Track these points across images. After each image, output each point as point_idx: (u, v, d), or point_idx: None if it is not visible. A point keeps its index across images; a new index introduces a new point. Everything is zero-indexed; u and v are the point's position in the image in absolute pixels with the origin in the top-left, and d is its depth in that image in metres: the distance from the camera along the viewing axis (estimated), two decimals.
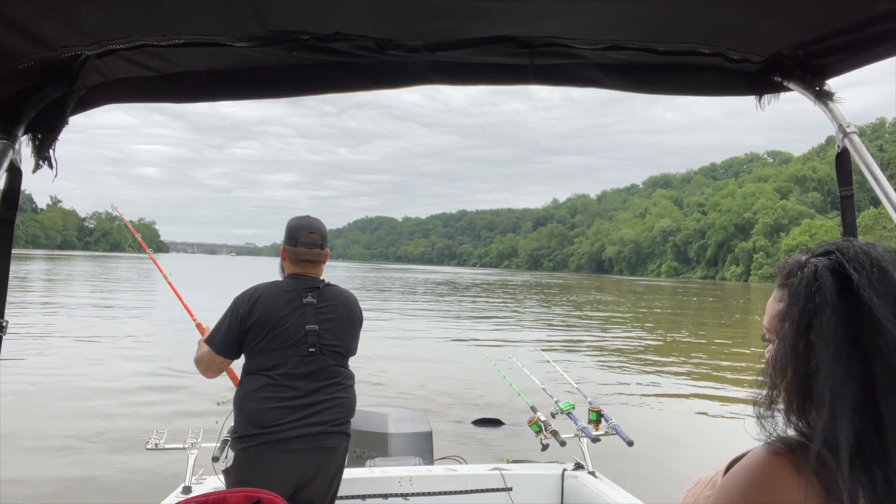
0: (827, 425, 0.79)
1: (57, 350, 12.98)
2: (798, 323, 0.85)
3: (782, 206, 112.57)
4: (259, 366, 2.63)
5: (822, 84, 1.62)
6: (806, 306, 0.85)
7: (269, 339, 2.61)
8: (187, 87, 1.61)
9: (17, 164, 1.45)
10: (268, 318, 2.61)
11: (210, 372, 2.79)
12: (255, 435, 2.55)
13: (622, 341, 18.43)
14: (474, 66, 1.64)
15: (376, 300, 31.46)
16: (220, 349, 2.68)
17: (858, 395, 0.79)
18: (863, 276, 0.82)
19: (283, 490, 2.52)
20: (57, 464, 6.43)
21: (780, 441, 0.86)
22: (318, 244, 2.79)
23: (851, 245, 0.88)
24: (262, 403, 2.57)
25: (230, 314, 2.67)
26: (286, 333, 2.62)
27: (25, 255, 77.21)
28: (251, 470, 2.54)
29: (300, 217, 2.86)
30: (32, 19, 1.25)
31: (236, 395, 2.70)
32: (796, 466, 0.81)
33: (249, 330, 2.62)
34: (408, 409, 4.50)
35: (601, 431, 3.50)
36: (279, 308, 2.64)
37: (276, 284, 2.75)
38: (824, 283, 0.84)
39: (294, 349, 2.62)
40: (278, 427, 2.55)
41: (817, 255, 0.90)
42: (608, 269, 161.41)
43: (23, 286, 30.19)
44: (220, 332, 2.69)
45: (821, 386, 0.80)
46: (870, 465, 0.78)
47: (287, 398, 2.59)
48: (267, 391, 2.59)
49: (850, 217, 1.64)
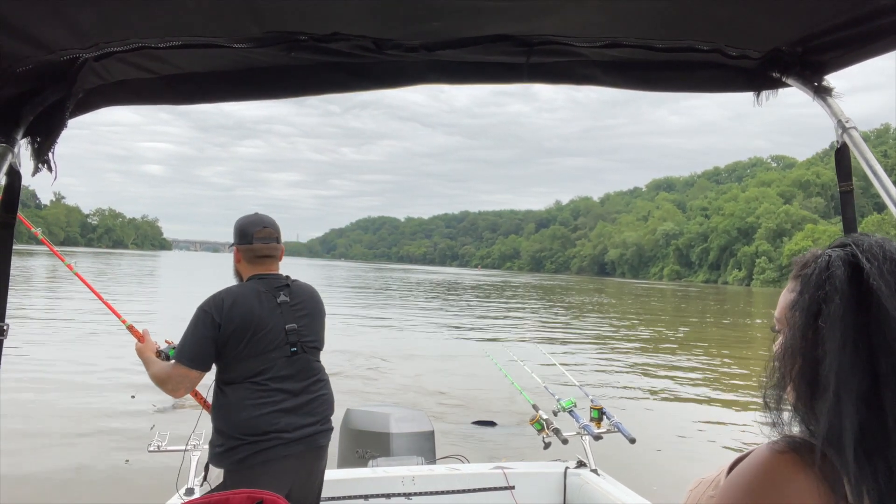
0: (831, 411, 0.79)
1: (58, 349, 13.00)
2: (808, 310, 0.86)
3: (785, 210, 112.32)
4: (243, 373, 2.51)
5: (821, 79, 1.61)
6: (816, 293, 0.85)
7: (252, 345, 2.50)
8: (186, 88, 1.61)
9: (16, 167, 1.45)
10: (248, 322, 2.50)
11: (181, 390, 2.56)
12: (251, 443, 2.45)
13: (622, 341, 18.42)
14: (472, 64, 1.64)
15: (379, 299, 31.45)
16: (194, 362, 2.49)
17: (863, 382, 0.79)
18: (874, 266, 0.83)
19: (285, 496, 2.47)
20: (57, 465, 6.42)
21: (783, 440, 0.85)
22: (275, 237, 2.70)
23: (867, 238, 0.89)
24: (255, 411, 2.47)
25: (201, 323, 2.50)
26: (269, 336, 2.52)
27: (28, 250, 77.43)
28: (247, 482, 2.37)
29: (249, 215, 2.76)
30: (30, 22, 1.25)
31: (217, 407, 2.55)
32: (801, 465, 0.80)
33: (230, 338, 2.48)
34: (409, 409, 4.51)
35: (603, 429, 3.50)
36: (257, 311, 2.53)
37: (246, 287, 2.62)
38: (835, 271, 0.85)
39: (277, 351, 2.54)
40: (277, 433, 2.48)
41: (833, 247, 0.91)
42: (610, 271, 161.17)
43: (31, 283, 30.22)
44: (191, 345, 2.51)
45: (826, 371, 0.81)
46: (872, 455, 0.78)
47: (278, 402, 2.51)
48: (257, 398, 2.49)
49: (850, 213, 1.63)
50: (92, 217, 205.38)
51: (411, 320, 22.75)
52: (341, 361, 11.81)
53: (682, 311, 36.79)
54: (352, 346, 14.13)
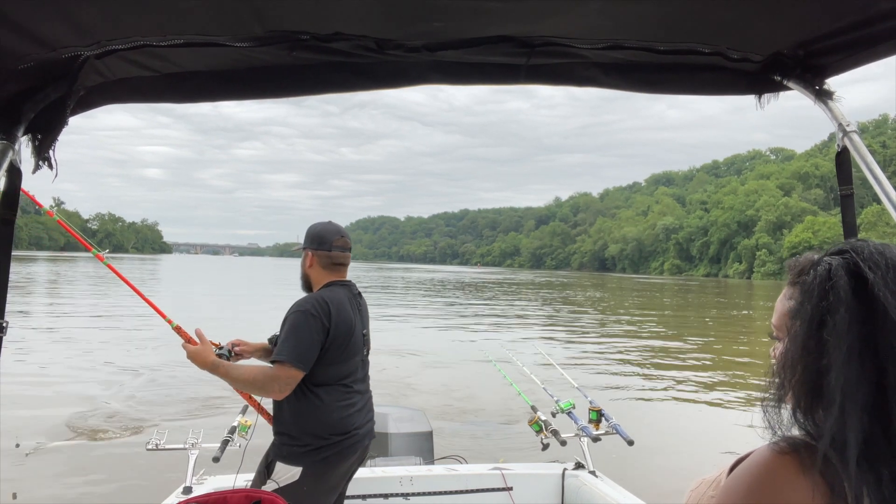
0: (836, 424, 0.78)
1: (59, 348, 13.00)
2: (810, 321, 0.85)
3: (785, 202, 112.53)
4: (336, 376, 2.62)
5: (822, 83, 1.62)
6: (819, 304, 0.84)
7: (347, 349, 2.63)
8: (187, 87, 1.62)
9: (16, 164, 1.46)
10: (347, 327, 2.62)
11: (285, 390, 2.53)
12: (336, 443, 2.57)
13: (622, 341, 18.41)
14: (473, 65, 1.64)
15: (379, 300, 31.49)
16: (305, 364, 2.51)
17: (869, 394, 0.79)
18: (878, 276, 0.82)
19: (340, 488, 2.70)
20: (57, 464, 6.44)
21: (784, 441, 0.85)
22: (349, 247, 2.81)
23: (866, 245, 0.88)
24: (344, 412, 2.61)
25: (311, 326, 2.52)
26: (356, 342, 2.67)
27: (29, 256, 77.29)
28: (322, 479, 2.55)
29: (324, 223, 2.81)
30: (32, 20, 1.25)
31: (306, 408, 2.56)
32: (801, 466, 0.80)
33: (333, 342, 2.56)
34: (408, 409, 4.50)
35: (601, 431, 3.49)
36: (352, 317, 2.67)
37: (340, 293, 2.69)
38: (838, 282, 0.84)
39: (359, 355, 2.71)
40: (356, 430, 2.63)
41: (831, 254, 0.90)
42: (611, 267, 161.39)
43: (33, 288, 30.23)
44: (303, 347, 2.51)
45: (832, 384, 0.80)
46: (876, 464, 0.77)
47: (356, 403, 2.67)
48: (345, 399, 2.62)
49: (851, 216, 1.64)
50: (91, 222, 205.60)
51: (410, 319, 22.75)
52: None
53: (685, 306, 36.80)
54: None
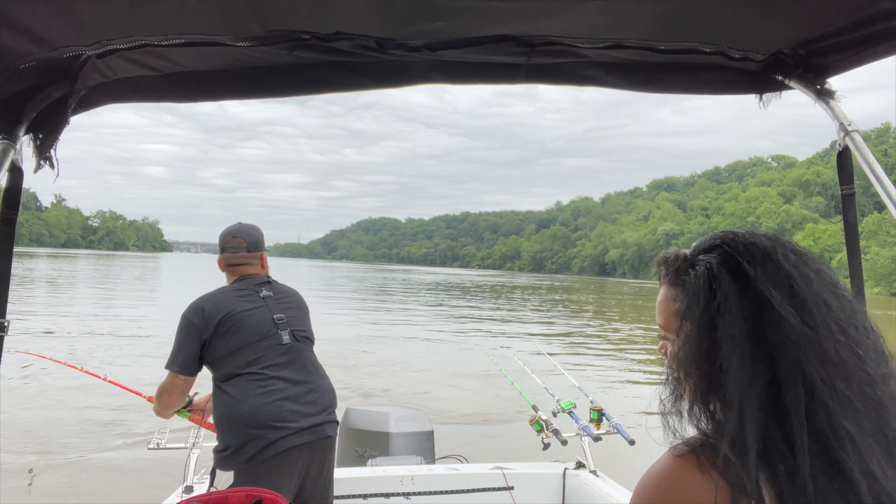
0: (735, 425, 0.79)
1: (60, 346, 13.00)
2: (700, 323, 0.85)
3: (786, 210, 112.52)
4: (236, 367, 2.54)
5: (824, 83, 1.62)
6: (708, 307, 0.84)
7: (238, 337, 2.56)
8: (188, 86, 1.62)
9: (18, 164, 1.46)
10: (229, 316, 2.58)
11: (173, 396, 2.65)
12: (258, 438, 2.43)
13: (622, 340, 18.41)
14: (474, 65, 1.64)
15: (380, 297, 31.47)
16: (185, 368, 2.57)
17: (764, 392, 0.79)
18: (759, 271, 0.83)
19: (289, 490, 2.47)
20: (57, 463, 6.43)
21: (683, 443, 0.85)
22: (243, 247, 2.81)
23: (736, 237, 0.88)
24: (258, 399, 2.47)
25: (184, 329, 2.59)
26: (255, 327, 2.59)
27: (29, 252, 77.38)
28: (257, 480, 2.35)
29: (230, 225, 2.91)
30: (33, 19, 1.25)
31: (219, 407, 2.57)
32: (700, 467, 0.80)
33: (213, 336, 2.55)
34: (409, 409, 4.50)
35: (602, 430, 3.49)
36: (238, 306, 2.62)
37: (224, 288, 2.76)
38: (723, 283, 0.84)
39: (268, 340, 2.60)
40: (283, 423, 2.46)
41: (703, 251, 0.90)
42: (611, 271, 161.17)
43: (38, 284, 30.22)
44: (179, 351, 2.59)
45: (730, 387, 0.80)
46: (772, 460, 0.77)
47: (278, 390, 2.52)
48: (257, 387, 2.50)
49: (852, 216, 1.64)
50: (93, 219, 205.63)
51: (410, 319, 22.75)
52: (340, 361, 11.81)
53: None
54: (350, 344, 14.14)
